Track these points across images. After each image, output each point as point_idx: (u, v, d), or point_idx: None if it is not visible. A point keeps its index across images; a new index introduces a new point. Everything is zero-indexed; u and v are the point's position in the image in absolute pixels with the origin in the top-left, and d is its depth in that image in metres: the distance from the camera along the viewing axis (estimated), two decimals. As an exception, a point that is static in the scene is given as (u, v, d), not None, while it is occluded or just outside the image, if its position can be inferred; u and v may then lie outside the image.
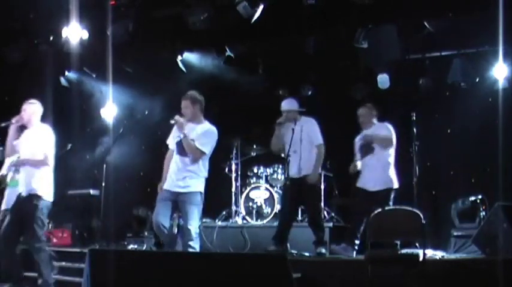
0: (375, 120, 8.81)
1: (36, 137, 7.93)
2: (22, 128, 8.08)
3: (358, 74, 10.69)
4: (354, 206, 9.01)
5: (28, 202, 7.64)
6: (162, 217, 7.53)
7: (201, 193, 7.64)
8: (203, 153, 7.60)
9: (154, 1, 10.17)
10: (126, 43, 10.37)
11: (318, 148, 8.78)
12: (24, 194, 7.67)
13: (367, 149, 8.67)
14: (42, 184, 7.81)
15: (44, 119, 8.06)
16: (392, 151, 8.62)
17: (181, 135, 7.56)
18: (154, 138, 10.54)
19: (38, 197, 7.71)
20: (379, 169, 8.53)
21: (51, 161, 7.95)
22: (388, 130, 8.65)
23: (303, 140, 8.69)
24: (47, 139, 7.97)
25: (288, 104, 8.97)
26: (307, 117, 8.99)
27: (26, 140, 7.96)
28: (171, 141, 7.87)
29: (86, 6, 9.83)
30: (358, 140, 8.84)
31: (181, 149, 7.65)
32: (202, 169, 7.68)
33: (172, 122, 7.65)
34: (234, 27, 10.02)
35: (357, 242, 8.38)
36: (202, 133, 7.67)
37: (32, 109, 8.07)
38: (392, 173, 8.57)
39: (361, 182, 8.70)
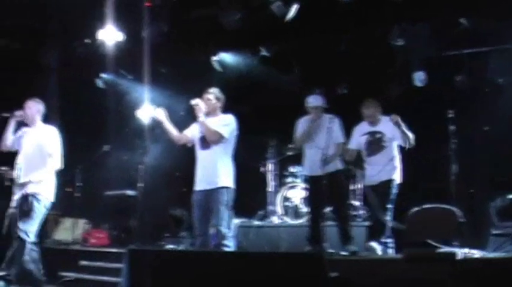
0: (380, 116, 8.71)
1: (42, 137, 7.94)
2: (20, 124, 8.10)
3: (393, 72, 10.62)
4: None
5: (29, 201, 7.70)
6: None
7: (229, 188, 7.65)
8: (222, 137, 7.63)
9: (188, 2, 10.22)
10: (161, 44, 10.44)
11: (338, 146, 8.71)
12: (27, 193, 7.72)
13: (377, 146, 8.59)
14: (45, 185, 7.85)
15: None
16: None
17: (200, 118, 7.64)
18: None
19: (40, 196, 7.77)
20: (384, 163, 8.51)
21: (58, 163, 7.97)
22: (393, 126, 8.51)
23: (328, 137, 8.70)
24: (55, 140, 7.98)
25: (316, 100, 8.93)
26: (330, 115, 8.93)
27: (31, 139, 7.97)
28: (188, 130, 8.00)
29: (121, 8, 9.92)
30: (362, 135, 8.73)
31: (204, 142, 7.73)
32: (228, 163, 7.72)
33: (193, 102, 7.70)
34: (268, 26, 10.03)
35: (389, 240, 8.30)
36: (219, 121, 7.76)
37: (37, 107, 8.07)
38: (397, 165, 8.55)
39: (368, 180, 8.71)
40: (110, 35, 10.33)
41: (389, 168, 8.46)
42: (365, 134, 8.68)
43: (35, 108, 8.06)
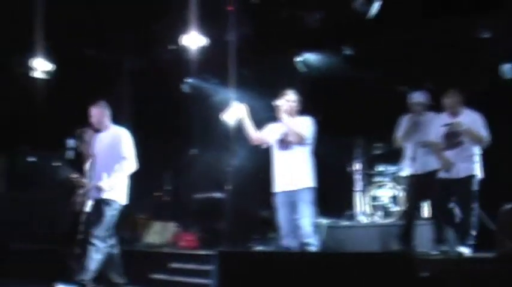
0: (462, 108, 8.29)
1: (114, 140, 7.99)
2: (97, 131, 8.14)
3: (479, 65, 10.37)
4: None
5: (102, 207, 7.80)
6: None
7: (312, 187, 7.66)
8: (305, 138, 7.69)
9: (269, 5, 10.24)
10: (244, 47, 10.50)
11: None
12: (100, 198, 7.81)
13: (454, 141, 8.20)
14: (118, 189, 7.93)
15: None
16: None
17: (284, 119, 7.74)
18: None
19: (112, 201, 7.87)
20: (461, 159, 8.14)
21: (133, 165, 8.04)
22: (479, 122, 8.14)
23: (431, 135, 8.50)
24: (127, 142, 8.02)
25: (420, 96, 8.78)
26: (434, 112, 8.75)
27: (103, 143, 8.03)
28: (267, 134, 8.03)
29: (204, 13, 10.02)
30: (441, 126, 8.32)
31: (284, 143, 7.79)
32: (308, 163, 7.73)
33: (278, 103, 7.80)
34: (351, 24, 9.96)
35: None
36: (301, 123, 7.82)
37: (102, 112, 8.08)
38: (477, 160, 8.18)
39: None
40: (193, 40, 10.45)
41: (466, 165, 8.13)
42: (444, 125, 8.38)
43: (99, 114, 8.07)
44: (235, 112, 7.86)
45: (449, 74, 10.51)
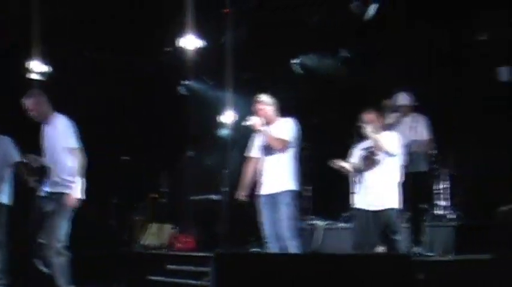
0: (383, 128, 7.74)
1: (56, 130, 7.22)
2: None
3: (476, 66, 10.40)
4: None
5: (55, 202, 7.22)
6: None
7: (294, 190, 7.59)
8: (286, 141, 7.58)
9: (266, 7, 10.27)
10: (241, 49, 10.52)
11: (421, 144, 8.62)
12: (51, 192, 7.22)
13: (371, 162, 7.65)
14: (70, 183, 7.18)
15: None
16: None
17: (261, 131, 7.60)
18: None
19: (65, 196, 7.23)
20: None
21: (79, 157, 7.19)
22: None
23: (413, 135, 8.55)
24: (68, 131, 7.22)
25: (404, 99, 8.85)
26: (416, 113, 8.84)
27: (47, 135, 7.30)
28: (253, 150, 7.92)
29: (201, 15, 10.04)
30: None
31: (267, 149, 7.71)
32: (291, 166, 7.65)
33: (247, 123, 7.65)
34: (348, 26, 9.99)
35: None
36: (279, 127, 7.69)
37: (34, 102, 7.21)
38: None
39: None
40: (190, 42, 10.48)
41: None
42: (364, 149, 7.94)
43: (35, 104, 7.21)
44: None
45: (446, 76, 10.57)
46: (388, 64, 10.75)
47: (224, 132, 11.79)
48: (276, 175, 7.63)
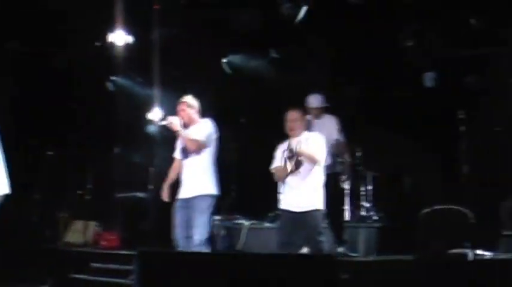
0: (305, 127, 7.58)
1: None
2: None
3: (403, 72, 10.60)
4: None
5: None
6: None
7: (210, 195, 7.58)
8: (202, 144, 7.56)
9: (197, 4, 10.23)
10: (170, 47, 10.46)
11: (331, 145, 8.69)
12: None
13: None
14: None
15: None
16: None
17: (178, 132, 7.56)
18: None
19: None
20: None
21: None
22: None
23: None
24: None
25: (315, 101, 9.01)
26: (330, 115, 8.99)
27: None
28: (177, 152, 7.91)
29: (131, 11, 9.94)
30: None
31: (185, 152, 7.70)
32: (207, 170, 7.64)
33: (163, 123, 7.64)
34: (278, 28, 10.03)
35: None
36: (197, 129, 7.67)
37: None
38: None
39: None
40: (119, 37, 10.36)
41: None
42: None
43: None
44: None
45: (374, 80, 10.73)
46: (316, 65, 10.86)
47: (151, 129, 11.68)
48: (192, 178, 7.59)
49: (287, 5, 9.26)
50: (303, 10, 9.31)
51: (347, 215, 10.18)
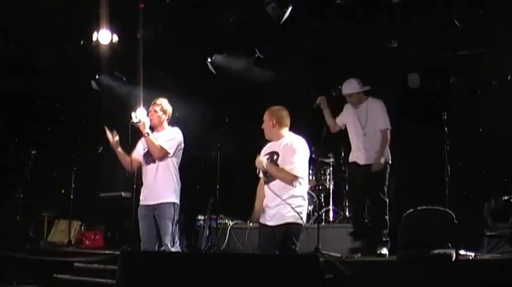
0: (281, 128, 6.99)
1: None
2: None
3: (387, 73, 10.62)
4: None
5: None
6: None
7: (174, 203, 7.54)
8: (167, 152, 7.53)
9: (183, 4, 10.22)
10: (156, 46, 10.44)
11: (382, 133, 8.30)
12: None
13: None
14: None
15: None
16: None
17: (145, 134, 7.49)
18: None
19: None
20: None
21: None
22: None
23: (368, 123, 8.33)
24: None
25: (348, 87, 8.53)
26: (372, 98, 8.54)
27: None
28: (137, 154, 7.84)
29: (116, 10, 9.91)
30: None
31: (149, 157, 7.63)
32: (172, 178, 7.61)
33: (135, 120, 7.55)
34: (263, 28, 10.04)
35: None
36: (165, 136, 7.64)
37: None
38: None
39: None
40: (104, 36, 10.32)
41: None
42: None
43: None
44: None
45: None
46: (300, 65, 10.88)
47: (136, 128, 11.64)
48: (155, 185, 7.56)
49: (272, 4, 9.25)
50: (288, 10, 9.30)
51: (331, 216, 10.24)
